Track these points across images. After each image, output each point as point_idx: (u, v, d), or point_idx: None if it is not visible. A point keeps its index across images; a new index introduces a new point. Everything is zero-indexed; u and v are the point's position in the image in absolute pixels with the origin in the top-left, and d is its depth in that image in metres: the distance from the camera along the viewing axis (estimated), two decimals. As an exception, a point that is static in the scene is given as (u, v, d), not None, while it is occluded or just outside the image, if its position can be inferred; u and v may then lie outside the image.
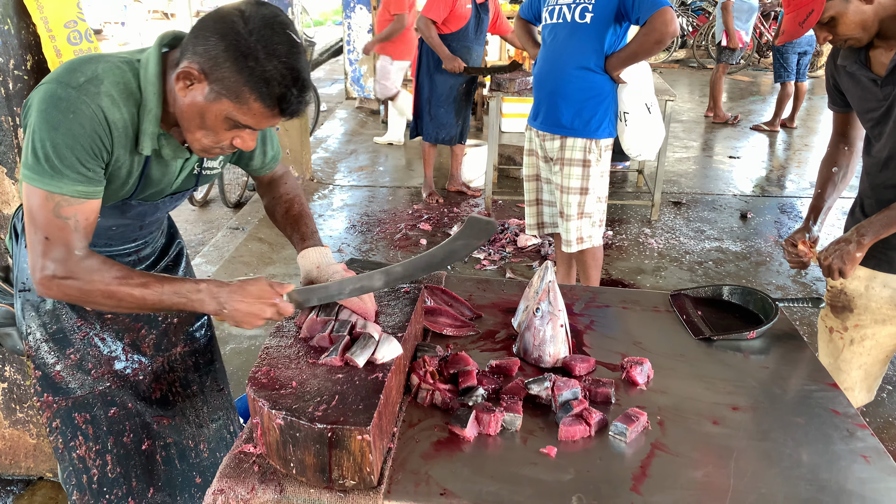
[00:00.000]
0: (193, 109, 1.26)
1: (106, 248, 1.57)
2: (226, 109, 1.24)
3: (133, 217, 1.52)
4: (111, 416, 1.62)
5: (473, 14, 4.87)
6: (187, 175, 1.51)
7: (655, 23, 2.75)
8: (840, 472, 1.25)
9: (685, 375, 1.54)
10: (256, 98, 1.22)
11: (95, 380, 1.60)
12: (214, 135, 1.29)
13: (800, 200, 5.62)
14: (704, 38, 12.28)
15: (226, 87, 1.21)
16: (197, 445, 1.77)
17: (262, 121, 1.27)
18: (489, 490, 1.17)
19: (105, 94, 1.26)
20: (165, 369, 1.72)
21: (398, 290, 1.60)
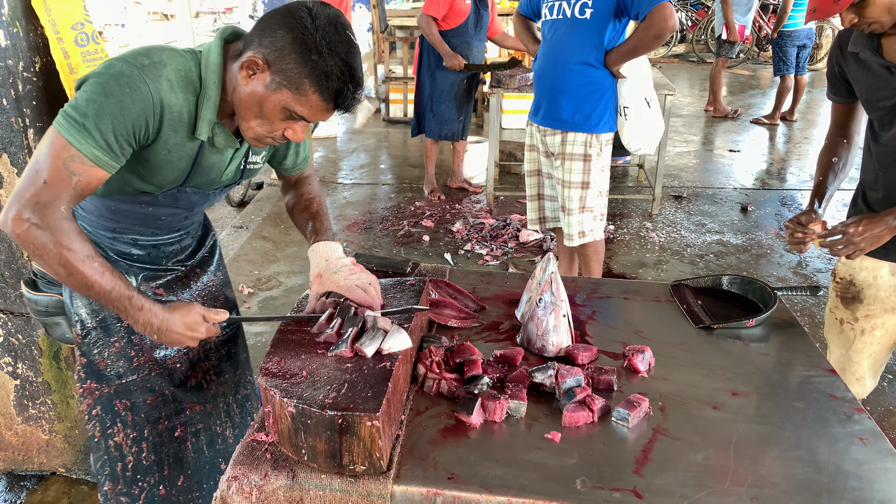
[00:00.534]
0: (253, 98, 1.34)
1: (153, 236, 1.62)
2: (284, 100, 1.32)
3: (185, 206, 1.58)
4: (149, 402, 1.67)
5: (473, 10, 4.89)
6: (235, 168, 1.56)
7: (655, 17, 2.78)
8: (837, 453, 1.28)
9: (686, 363, 1.57)
10: (316, 90, 1.30)
11: (136, 367, 1.65)
12: (269, 124, 1.36)
13: (800, 193, 5.64)
14: (703, 33, 12.29)
15: (287, 77, 1.29)
16: (224, 432, 1.82)
17: (317, 113, 1.34)
18: (495, 474, 1.20)
19: (165, 78, 1.32)
20: (201, 357, 1.77)
21: (404, 283, 1.64)
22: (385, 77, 7.72)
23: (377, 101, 8.43)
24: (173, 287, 1.70)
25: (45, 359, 2.25)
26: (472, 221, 4.90)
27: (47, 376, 2.27)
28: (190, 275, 1.74)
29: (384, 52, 7.74)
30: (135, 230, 1.60)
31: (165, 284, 1.68)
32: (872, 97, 1.82)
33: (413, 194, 5.57)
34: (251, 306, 3.76)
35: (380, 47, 7.87)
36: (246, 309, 3.73)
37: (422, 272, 1.93)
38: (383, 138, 7.38)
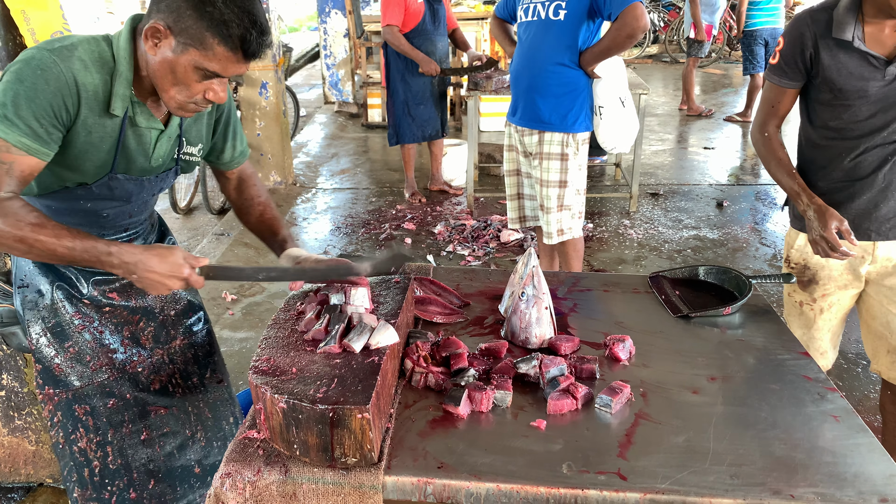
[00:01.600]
0: (164, 66, 1.36)
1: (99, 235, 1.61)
2: (193, 59, 1.34)
3: (121, 195, 1.57)
4: (110, 406, 1.67)
5: (427, 8, 4.92)
6: (166, 154, 1.57)
7: (627, 18, 2.84)
8: (812, 431, 1.33)
9: (665, 350, 1.61)
10: (220, 41, 1.32)
11: (94, 371, 1.65)
12: (187, 88, 1.38)
13: (773, 188, 5.75)
14: (676, 33, 12.46)
15: (190, 35, 1.32)
16: (195, 435, 1.82)
17: (229, 65, 1.36)
18: (484, 462, 1.24)
19: (78, 58, 1.35)
20: (165, 361, 1.77)
21: (389, 281, 1.66)
22: (363, 82, 7.75)
23: (355, 106, 8.44)
24: (128, 290, 1.69)
25: (31, 369, 2.25)
26: (454, 223, 4.94)
27: (32, 386, 2.27)
28: None
29: (361, 57, 7.76)
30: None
31: (120, 289, 1.68)
32: (853, 86, 1.81)
33: (394, 198, 5.59)
34: (235, 313, 3.76)
35: (356, 53, 7.89)
36: (230, 315, 3.73)
37: (406, 271, 1.95)
38: (362, 143, 7.40)
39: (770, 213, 5.18)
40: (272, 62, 5.54)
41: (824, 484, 1.18)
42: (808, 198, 1.88)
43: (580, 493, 1.17)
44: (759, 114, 2.04)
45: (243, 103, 5.62)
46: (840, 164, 1.92)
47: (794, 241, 2.08)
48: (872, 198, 1.89)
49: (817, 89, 1.90)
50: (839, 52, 1.81)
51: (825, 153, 1.95)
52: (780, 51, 1.93)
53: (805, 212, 1.88)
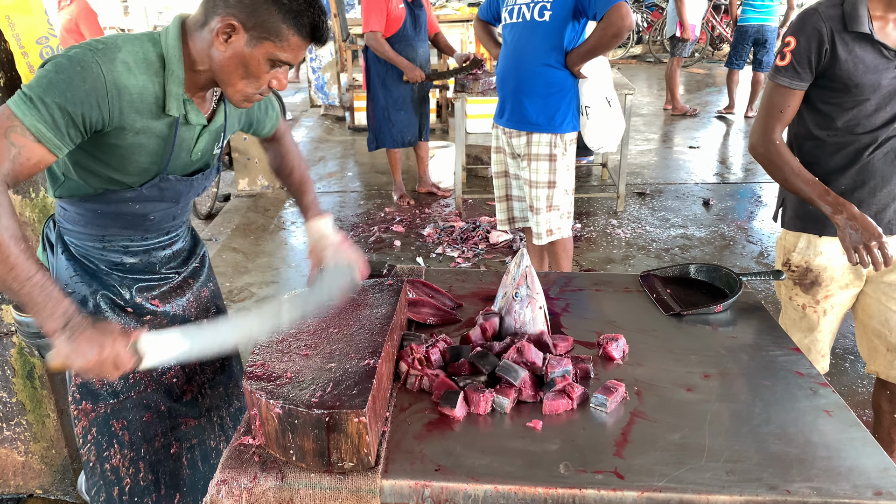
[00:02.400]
0: (235, 60, 1.36)
1: (143, 241, 1.61)
2: (268, 51, 1.35)
3: (171, 196, 1.56)
4: (146, 420, 1.65)
5: (408, 13, 4.91)
6: (205, 149, 1.57)
7: (612, 17, 2.85)
8: (805, 426, 1.34)
9: (658, 349, 1.62)
10: (295, 32, 1.35)
11: (133, 384, 1.63)
12: (256, 80, 1.39)
13: (759, 186, 5.80)
14: (659, 34, 12.54)
15: (266, 29, 1.33)
16: (217, 446, 1.80)
17: (299, 52, 1.39)
18: (481, 463, 1.23)
19: (121, 61, 1.34)
20: (196, 370, 1.76)
21: (381, 284, 1.66)
22: (349, 85, 7.73)
23: (341, 109, 8.43)
24: (168, 297, 1.68)
25: (19, 378, 2.22)
26: (443, 225, 4.94)
27: (21, 396, 2.24)
28: (184, 284, 1.73)
29: (347, 60, 7.74)
30: (124, 235, 1.58)
31: (161, 295, 1.66)
32: (869, 81, 1.79)
33: (382, 200, 5.59)
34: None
35: (342, 56, 7.87)
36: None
37: (398, 273, 1.95)
38: (349, 146, 7.39)
39: (756, 211, 5.22)
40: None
41: (819, 478, 1.19)
42: (840, 205, 1.80)
43: (578, 493, 1.17)
44: (764, 121, 1.94)
45: (229, 108, 5.58)
46: (853, 161, 1.89)
47: (794, 244, 2.04)
48: (891, 191, 1.89)
49: (824, 88, 1.87)
50: (855, 46, 1.79)
51: (835, 153, 1.91)
52: (791, 51, 1.85)
53: (834, 217, 1.81)
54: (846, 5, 1.79)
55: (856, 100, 1.84)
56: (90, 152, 1.41)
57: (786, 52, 1.87)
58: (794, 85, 1.88)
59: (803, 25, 1.84)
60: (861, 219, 1.77)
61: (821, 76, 1.86)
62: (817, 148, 1.95)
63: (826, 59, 1.82)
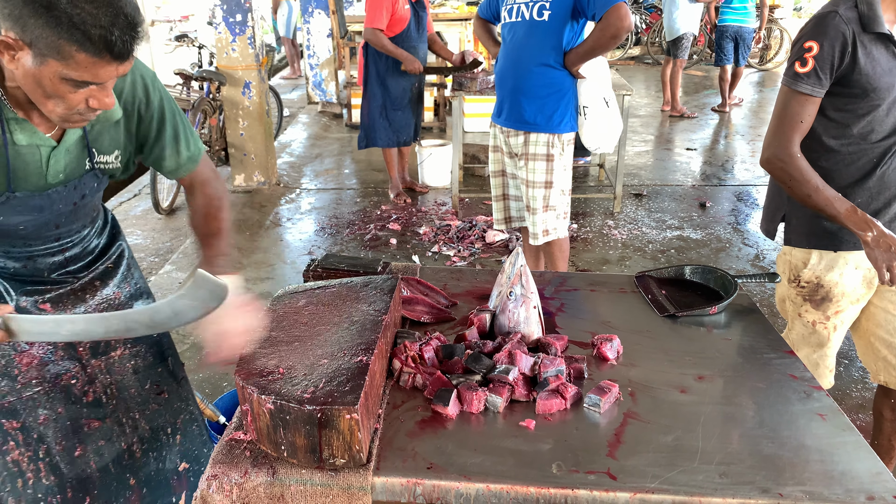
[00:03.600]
0: (29, 79, 1.19)
1: (25, 248, 1.51)
2: (56, 70, 1.16)
3: (33, 210, 1.43)
4: (41, 422, 1.55)
5: (413, 14, 4.91)
6: (67, 168, 1.43)
7: (611, 18, 2.85)
8: (799, 429, 1.33)
9: (652, 350, 1.62)
10: (78, 48, 1.13)
11: (23, 386, 1.53)
12: (63, 101, 1.22)
13: (755, 188, 5.81)
14: (657, 35, 12.55)
15: (45, 45, 1.13)
16: (131, 447, 1.71)
17: (99, 71, 1.18)
18: (473, 462, 1.23)
19: None
20: (102, 371, 1.66)
21: (376, 281, 1.65)
22: (346, 82, 7.72)
23: (339, 106, 8.41)
24: (63, 301, 1.58)
25: None
26: (439, 224, 4.93)
27: None
28: (87, 287, 1.63)
29: (344, 57, 7.72)
30: (2, 241, 1.48)
31: (54, 299, 1.57)
32: (885, 82, 1.75)
33: (378, 198, 5.58)
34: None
35: (340, 53, 7.86)
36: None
37: (393, 271, 1.95)
38: (346, 143, 7.37)
39: (752, 214, 5.23)
40: (255, 62, 5.50)
41: (812, 482, 1.18)
42: (868, 223, 1.73)
43: (570, 493, 1.17)
44: (782, 132, 1.84)
45: (226, 103, 5.58)
46: (870, 172, 1.84)
47: (804, 261, 1.97)
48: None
49: (838, 94, 1.81)
50: (872, 48, 1.74)
51: (850, 164, 1.86)
52: (814, 56, 1.76)
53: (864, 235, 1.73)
54: (862, 6, 1.73)
55: (871, 104, 1.79)
56: None
57: (807, 58, 1.77)
58: (815, 92, 1.79)
59: (824, 29, 1.76)
60: (890, 237, 1.70)
61: (836, 82, 1.79)
62: (830, 159, 1.87)
63: (847, 63, 1.75)
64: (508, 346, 1.49)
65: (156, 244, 4.76)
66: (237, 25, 5.40)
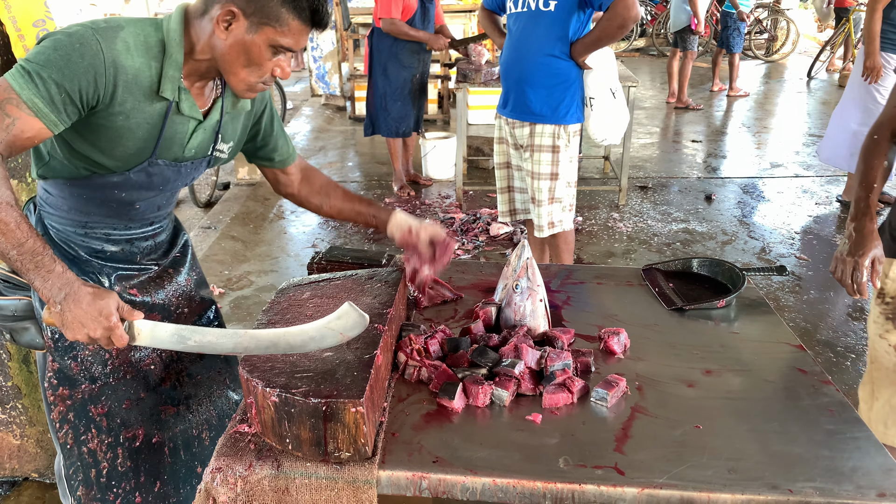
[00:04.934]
0: (237, 47, 1.35)
1: (126, 230, 1.58)
2: (269, 37, 1.34)
3: (159, 183, 1.52)
4: (125, 407, 1.62)
5: (419, 4, 4.92)
6: (199, 146, 1.53)
7: (618, 8, 2.82)
8: (808, 424, 1.32)
9: (660, 343, 1.60)
10: (295, 16, 1.33)
11: (112, 370, 1.59)
12: (259, 68, 1.38)
13: (761, 181, 5.77)
14: (663, 27, 12.47)
15: (266, 14, 1.32)
16: (200, 434, 1.77)
17: (301, 38, 1.37)
18: (479, 456, 1.22)
19: (122, 39, 1.32)
20: (174, 358, 1.72)
21: (381, 274, 1.64)
22: (350, 75, 7.69)
23: (342, 98, 8.38)
24: (147, 287, 1.64)
25: (15, 363, 2.21)
26: (443, 216, 4.91)
27: (17, 380, 2.22)
28: (163, 274, 1.69)
29: (348, 49, 7.69)
30: (107, 223, 1.55)
31: (139, 285, 1.63)
32: None
33: (382, 191, 5.56)
34: (223, 306, 3.72)
35: (343, 45, 7.83)
36: (217, 309, 3.68)
37: (397, 263, 1.93)
38: (350, 136, 7.35)
39: (758, 206, 5.20)
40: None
41: (822, 478, 1.17)
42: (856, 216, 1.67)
43: (577, 488, 1.16)
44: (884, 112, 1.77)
45: (230, 94, 5.55)
46: None
47: (888, 271, 1.77)
48: None
49: None
50: None
51: None
52: None
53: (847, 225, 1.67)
54: None
55: None
56: (78, 131, 1.37)
57: None
58: None
59: None
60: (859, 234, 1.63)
61: None
62: None
63: None
64: (514, 339, 1.47)
65: (160, 236, 4.76)
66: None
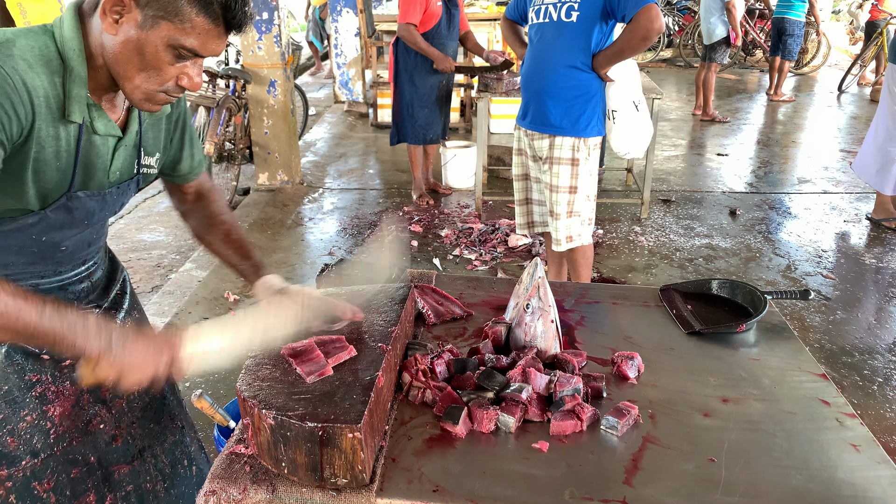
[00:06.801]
0: (129, 46, 1.13)
1: (56, 275, 1.38)
2: (167, 34, 1.12)
3: (82, 218, 1.33)
4: (74, 476, 1.42)
5: (444, 11, 4.89)
6: (124, 166, 1.35)
7: (641, 20, 2.77)
8: (830, 460, 1.25)
9: (675, 369, 1.54)
10: (199, 10, 1.12)
11: (56, 439, 1.39)
12: (158, 73, 1.16)
13: (788, 197, 5.65)
14: (691, 38, 12.35)
15: (162, 6, 1.10)
16: (154, 487, 1.60)
17: (209, 40, 1.15)
18: (481, 486, 1.17)
19: (19, 56, 1.11)
20: (124, 410, 1.53)
21: (389, 289, 1.60)
22: (373, 82, 7.69)
23: (365, 105, 8.39)
24: None
25: None
26: (461, 226, 4.87)
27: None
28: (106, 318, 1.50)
29: (372, 56, 7.70)
30: (32, 271, 1.33)
31: None
32: None
33: (401, 199, 5.54)
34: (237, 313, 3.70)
35: (367, 52, 7.84)
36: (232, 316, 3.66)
37: (407, 277, 1.89)
38: (371, 143, 7.35)
39: (784, 223, 5.09)
40: (281, 60, 5.49)
41: (844, 520, 1.11)
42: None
43: (583, 524, 1.10)
44: None
45: (251, 101, 5.58)
46: None
47: None
48: None
49: None
50: None
51: None
52: None
53: None
54: None
55: None
56: None
57: None
58: None
59: None
60: None
61: None
62: None
63: None
64: (522, 362, 1.42)
65: (178, 241, 4.78)
66: (263, 23, 5.39)
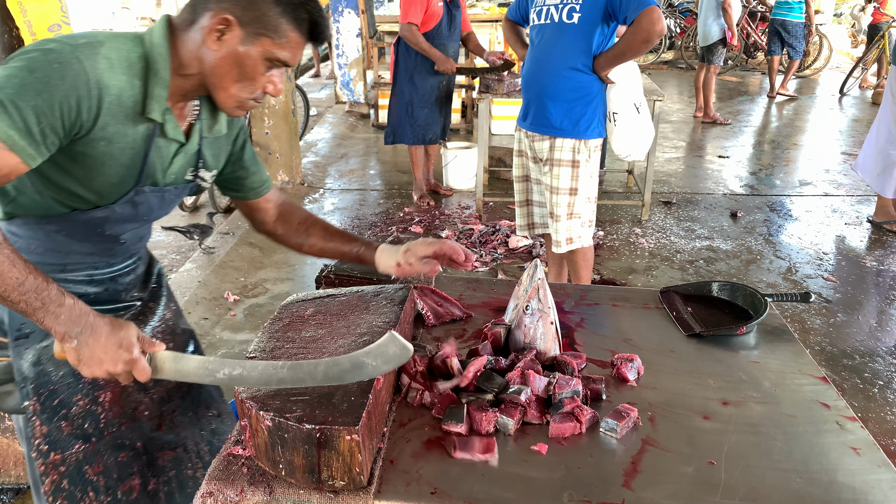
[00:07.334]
0: (230, 60, 1.26)
1: (108, 267, 1.47)
2: (265, 49, 1.26)
3: (144, 213, 1.42)
4: (121, 460, 1.49)
5: (445, 11, 4.88)
6: (179, 171, 1.43)
7: (643, 22, 2.76)
8: (830, 464, 1.25)
9: (675, 371, 1.54)
10: (294, 28, 1.26)
11: (106, 424, 1.47)
12: (251, 83, 1.30)
13: (789, 199, 5.65)
14: (692, 40, 12.33)
15: (264, 24, 1.24)
16: (195, 474, 1.65)
17: (297, 52, 1.30)
18: (480, 488, 1.16)
19: (103, 56, 1.21)
20: (165, 398, 1.60)
21: (388, 290, 1.60)
22: (374, 83, 7.69)
23: (366, 106, 8.39)
24: (137, 321, 1.53)
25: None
26: (462, 227, 4.87)
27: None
28: (146, 310, 1.58)
29: (373, 57, 7.70)
30: (89, 262, 1.43)
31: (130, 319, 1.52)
32: None
33: (402, 200, 5.53)
34: (237, 313, 3.71)
35: (369, 53, 7.84)
36: (231, 317, 3.67)
37: (407, 279, 1.89)
38: (372, 143, 7.35)
39: (785, 225, 5.08)
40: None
41: (844, 524, 1.10)
42: None
43: (581, 527, 1.10)
44: None
45: (253, 101, 5.57)
46: None
47: None
48: None
49: None
50: None
51: None
52: None
53: None
54: None
55: None
56: (55, 161, 1.24)
57: None
58: None
59: None
60: None
61: None
62: None
63: None
64: (522, 364, 1.42)
65: (178, 241, 4.77)
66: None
